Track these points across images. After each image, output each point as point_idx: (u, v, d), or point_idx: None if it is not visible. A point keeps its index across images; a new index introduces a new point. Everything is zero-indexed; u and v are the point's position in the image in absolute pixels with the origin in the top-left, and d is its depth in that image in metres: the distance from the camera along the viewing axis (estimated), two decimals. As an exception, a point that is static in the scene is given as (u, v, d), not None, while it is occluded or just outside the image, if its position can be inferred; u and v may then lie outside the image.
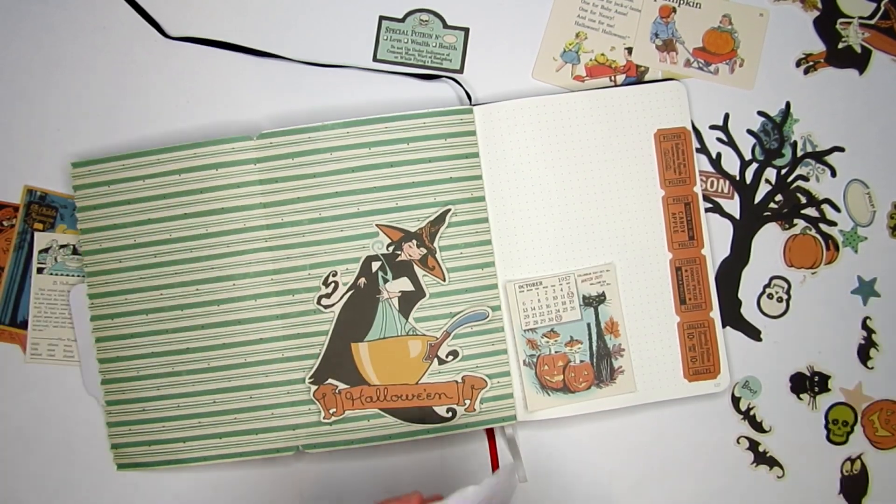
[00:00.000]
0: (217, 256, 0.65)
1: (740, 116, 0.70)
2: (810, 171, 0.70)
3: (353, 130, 0.65)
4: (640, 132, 0.68)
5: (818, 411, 0.69)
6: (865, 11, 0.71)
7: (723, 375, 0.67)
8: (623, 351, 0.66)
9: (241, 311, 0.65)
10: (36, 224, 0.68)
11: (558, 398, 0.66)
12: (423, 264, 0.65)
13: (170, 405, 0.65)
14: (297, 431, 0.65)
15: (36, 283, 0.67)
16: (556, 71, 0.70)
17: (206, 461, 0.65)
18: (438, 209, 0.65)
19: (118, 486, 0.67)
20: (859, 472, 0.69)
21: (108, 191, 0.65)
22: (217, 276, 0.65)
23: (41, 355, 0.67)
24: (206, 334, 0.65)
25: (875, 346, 0.69)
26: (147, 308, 0.65)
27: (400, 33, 0.70)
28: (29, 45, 0.69)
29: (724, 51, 0.70)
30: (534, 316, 0.66)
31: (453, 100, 0.69)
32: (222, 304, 0.65)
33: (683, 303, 0.67)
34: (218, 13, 0.69)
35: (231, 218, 0.65)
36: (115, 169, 0.65)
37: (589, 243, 0.67)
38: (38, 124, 0.68)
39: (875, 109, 0.70)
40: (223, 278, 0.65)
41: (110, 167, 0.65)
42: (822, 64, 0.71)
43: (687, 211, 0.68)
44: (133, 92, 0.69)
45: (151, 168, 0.65)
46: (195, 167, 0.65)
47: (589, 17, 0.70)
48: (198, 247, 0.65)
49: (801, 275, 0.69)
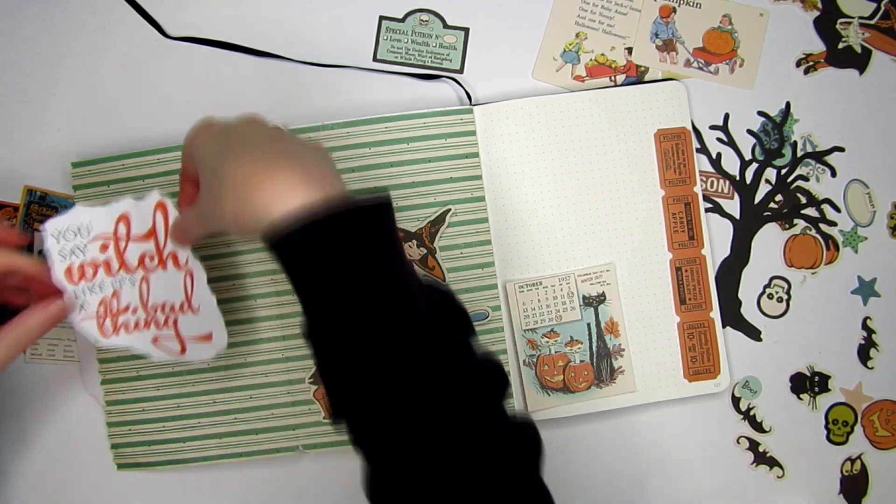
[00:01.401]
0: (217, 256, 0.65)
1: (740, 116, 0.70)
2: (810, 171, 0.70)
3: (353, 130, 0.65)
4: (640, 132, 0.68)
5: (818, 411, 0.69)
6: (865, 11, 0.71)
7: (723, 375, 0.67)
8: (623, 351, 0.66)
9: (241, 312, 0.65)
10: (36, 224, 0.68)
11: (558, 398, 0.66)
12: (423, 264, 0.65)
13: (170, 405, 0.65)
14: (297, 431, 0.65)
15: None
16: (556, 71, 0.70)
17: (206, 461, 0.65)
18: (438, 209, 0.65)
19: (118, 487, 0.67)
20: (859, 472, 0.69)
21: (108, 191, 0.65)
22: (217, 276, 0.65)
23: (41, 355, 0.67)
24: None
25: (875, 346, 0.69)
26: (147, 308, 0.65)
27: (400, 33, 0.70)
28: (29, 45, 0.69)
29: (725, 51, 0.70)
30: (534, 316, 0.66)
31: (453, 100, 0.69)
32: (222, 304, 0.65)
33: (683, 303, 0.67)
34: (218, 13, 0.69)
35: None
36: (115, 169, 0.65)
37: (589, 243, 0.67)
38: (38, 124, 0.68)
39: (875, 109, 0.70)
40: (223, 278, 0.65)
41: (110, 167, 0.65)
42: (823, 64, 0.71)
43: (687, 211, 0.68)
44: (133, 92, 0.69)
45: (150, 168, 0.65)
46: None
47: (589, 17, 0.70)
48: (198, 246, 0.65)
49: (801, 275, 0.70)
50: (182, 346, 0.58)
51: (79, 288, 0.57)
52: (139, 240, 0.57)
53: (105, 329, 0.57)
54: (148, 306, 0.58)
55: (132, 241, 0.57)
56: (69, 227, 0.57)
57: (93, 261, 0.57)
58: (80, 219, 0.57)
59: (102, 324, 0.57)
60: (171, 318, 0.58)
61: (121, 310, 0.58)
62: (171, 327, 0.58)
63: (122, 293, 0.57)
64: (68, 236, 0.57)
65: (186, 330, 0.58)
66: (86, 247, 0.57)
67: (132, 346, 0.58)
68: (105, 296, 0.57)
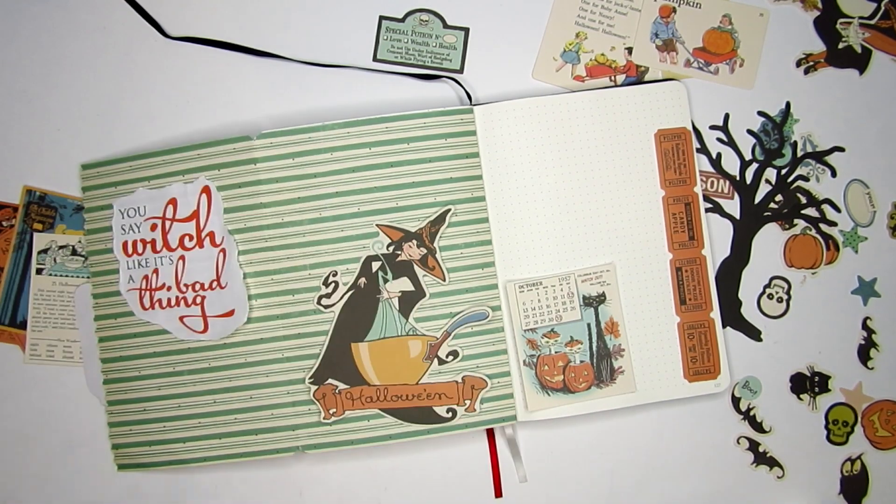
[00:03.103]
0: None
1: (740, 116, 0.70)
2: (810, 171, 0.70)
3: (353, 130, 0.65)
4: (640, 132, 0.68)
5: (818, 411, 0.69)
6: (866, 11, 0.71)
7: (723, 376, 0.67)
8: (623, 351, 0.66)
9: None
10: (35, 224, 0.68)
11: (558, 398, 0.66)
12: (424, 264, 0.65)
13: (171, 405, 0.65)
14: (297, 432, 0.65)
15: (35, 283, 0.67)
16: (556, 71, 0.70)
17: (207, 462, 0.65)
18: (439, 209, 0.65)
19: (118, 487, 0.67)
20: (859, 473, 0.69)
21: (116, 192, 0.66)
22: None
23: (40, 356, 0.67)
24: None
25: (875, 346, 0.69)
26: (147, 308, 0.66)
27: (400, 33, 0.70)
28: (29, 45, 0.69)
29: (725, 51, 0.70)
30: (534, 316, 0.66)
31: (453, 100, 0.69)
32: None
33: (683, 303, 0.67)
34: (218, 13, 0.69)
35: (232, 218, 0.65)
36: (123, 170, 0.66)
37: (589, 243, 0.67)
38: (38, 124, 0.68)
39: (875, 109, 0.70)
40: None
41: (118, 168, 0.66)
42: (823, 64, 0.71)
43: (687, 211, 0.68)
44: (133, 92, 0.69)
45: (156, 169, 0.65)
46: (198, 168, 0.65)
47: (589, 17, 0.70)
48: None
49: (801, 275, 0.69)
50: (205, 325, 0.64)
51: (131, 260, 0.64)
52: (183, 221, 0.64)
53: (143, 302, 0.64)
54: (180, 285, 0.64)
55: (176, 221, 0.64)
56: (132, 206, 0.65)
57: (143, 238, 0.64)
58: (140, 200, 0.65)
59: (142, 297, 0.64)
60: (200, 296, 0.64)
61: (158, 287, 0.64)
62: (198, 305, 0.64)
63: (161, 271, 0.64)
64: (131, 213, 0.65)
65: (212, 309, 0.64)
66: (140, 225, 0.65)
67: (160, 321, 0.64)
68: (147, 272, 0.64)
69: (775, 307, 0.69)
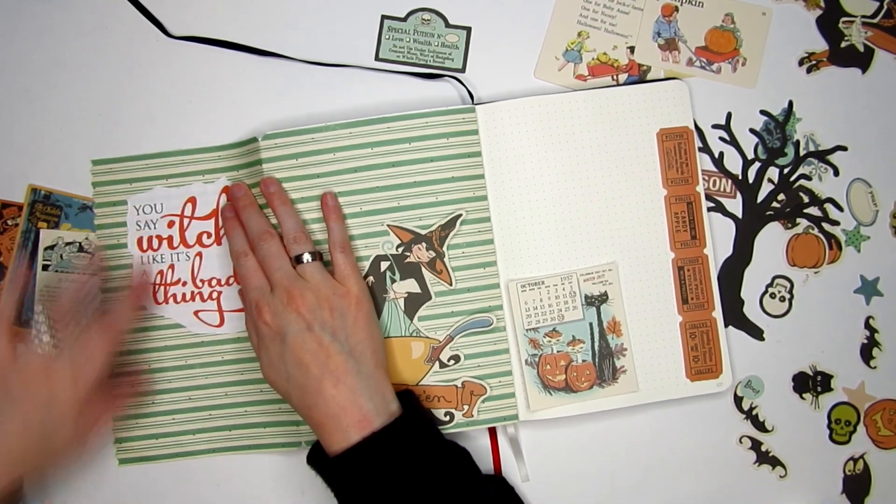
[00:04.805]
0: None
1: (743, 115, 0.70)
2: (813, 170, 0.70)
3: (355, 131, 0.65)
4: (642, 131, 0.68)
5: (821, 411, 0.69)
6: (868, 10, 0.71)
7: (725, 375, 0.67)
8: (625, 350, 0.66)
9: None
10: (40, 223, 0.68)
11: (560, 398, 0.66)
12: (432, 268, 0.65)
13: (181, 398, 0.66)
14: (300, 428, 0.65)
15: (41, 280, 0.68)
16: (558, 70, 0.70)
17: (212, 454, 0.66)
18: (448, 210, 0.65)
19: (119, 484, 0.67)
20: (862, 472, 0.69)
21: (129, 189, 0.67)
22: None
23: (44, 355, 0.67)
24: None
25: (878, 345, 0.69)
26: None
27: (402, 32, 0.70)
28: (31, 44, 0.69)
29: (727, 50, 0.70)
30: (536, 315, 0.66)
31: (455, 99, 0.69)
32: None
33: (686, 302, 0.67)
34: (220, 12, 0.69)
35: (234, 218, 0.65)
36: (138, 168, 0.67)
37: (591, 242, 0.67)
38: (41, 123, 0.68)
39: (878, 108, 0.70)
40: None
41: (132, 166, 0.67)
42: (825, 63, 0.71)
43: (689, 210, 0.68)
44: (135, 91, 0.69)
45: (174, 168, 0.66)
46: (218, 169, 0.66)
47: (591, 16, 0.70)
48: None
49: (803, 274, 0.69)
50: (221, 319, 0.66)
51: (145, 255, 0.66)
52: (202, 219, 0.66)
53: (157, 296, 0.66)
54: (196, 280, 0.66)
55: (195, 219, 0.66)
56: (147, 203, 0.66)
57: (160, 235, 0.66)
58: (157, 197, 0.66)
59: (156, 291, 0.66)
60: (217, 291, 0.66)
61: (173, 282, 0.66)
62: (214, 300, 0.66)
63: (177, 267, 0.66)
64: (146, 210, 0.66)
65: (228, 304, 0.66)
66: (157, 222, 0.66)
67: (174, 315, 0.66)
68: (163, 268, 0.66)
69: (778, 306, 0.69)
